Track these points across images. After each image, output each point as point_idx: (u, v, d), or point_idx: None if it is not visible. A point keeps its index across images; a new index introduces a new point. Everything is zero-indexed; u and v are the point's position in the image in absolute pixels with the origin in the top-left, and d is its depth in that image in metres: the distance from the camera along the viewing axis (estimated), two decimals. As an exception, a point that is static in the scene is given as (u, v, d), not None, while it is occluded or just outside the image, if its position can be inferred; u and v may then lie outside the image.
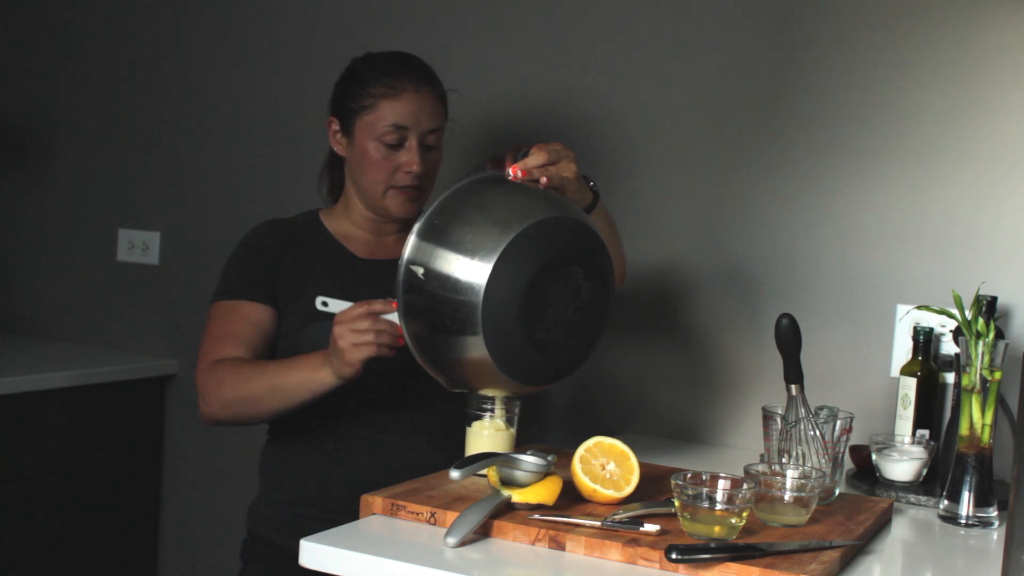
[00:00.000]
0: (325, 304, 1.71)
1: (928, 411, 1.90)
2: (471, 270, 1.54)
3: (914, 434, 1.89)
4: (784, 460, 1.62)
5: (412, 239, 1.59)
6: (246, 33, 2.70)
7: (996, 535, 1.62)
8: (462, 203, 1.60)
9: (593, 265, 1.64)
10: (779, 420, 1.66)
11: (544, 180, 1.66)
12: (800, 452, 1.62)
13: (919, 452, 1.84)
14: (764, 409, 1.72)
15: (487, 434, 1.69)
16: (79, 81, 2.91)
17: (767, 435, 1.70)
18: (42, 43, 2.95)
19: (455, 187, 1.63)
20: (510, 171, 1.65)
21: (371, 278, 1.89)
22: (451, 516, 1.44)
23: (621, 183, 2.26)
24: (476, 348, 1.55)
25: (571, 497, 1.52)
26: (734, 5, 2.21)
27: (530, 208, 1.60)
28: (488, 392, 1.67)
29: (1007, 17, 2.00)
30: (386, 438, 1.86)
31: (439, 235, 1.58)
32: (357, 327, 1.62)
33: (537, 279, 1.56)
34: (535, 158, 1.67)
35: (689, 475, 1.44)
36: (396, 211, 1.90)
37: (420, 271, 1.57)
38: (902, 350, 2.04)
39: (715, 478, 1.44)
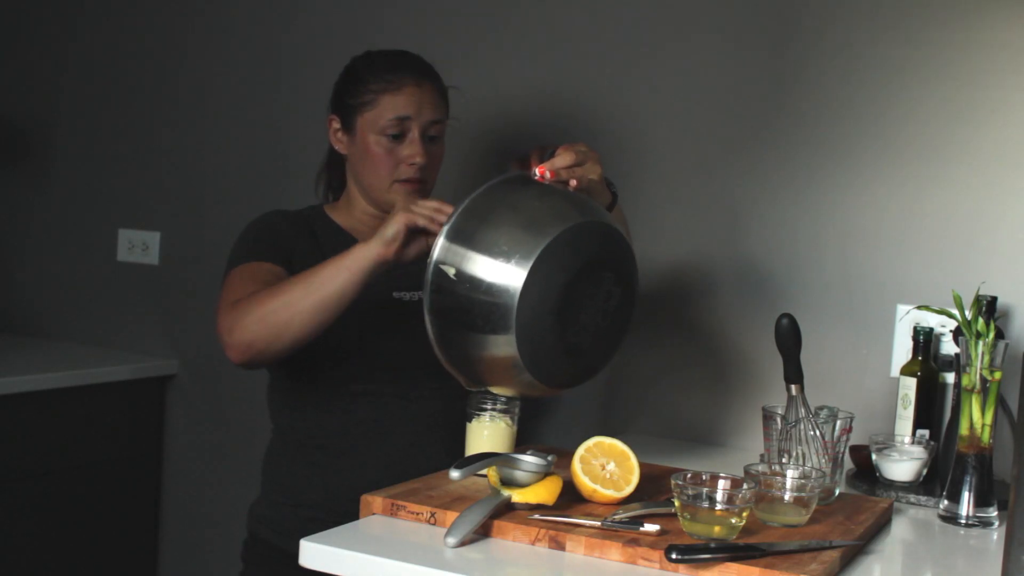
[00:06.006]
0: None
1: (928, 411, 1.90)
2: (506, 273, 1.53)
3: (914, 434, 1.89)
4: (784, 460, 1.62)
5: (441, 240, 1.57)
6: (247, 33, 2.70)
7: (996, 535, 1.62)
8: (493, 205, 1.59)
9: (623, 270, 1.65)
10: (779, 420, 1.66)
11: (573, 183, 1.65)
12: (800, 452, 1.62)
13: (919, 452, 1.83)
14: (764, 409, 1.72)
15: (487, 433, 1.69)
16: (79, 82, 2.90)
17: (767, 435, 1.70)
18: (42, 43, 2.95)
19: (483, 188, 1.61)
20: (537, 171, 1.64)
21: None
22: (451, 516, 1.44)
23: (622, 183, 2.25)
24: (506, 349, 1.55)
25: (571, 497, 1.52)
26: (740, 8, 2.21)
27: (564, 212, 1.59)
28: (506, 392, 1.66)
29: (1007, 17, 2.00)
30: (392, 440, 1.86)
31: (471, 237, 1.56)
32: (424, 203, 1.64)
33: (572, 283, 1.56)
34: (562, 159, 1.65)
35: (689, 475, 1.44)
36: None
37: (452, 271, 1.56)
38: (902, 350, 2.04)
39: (715, 478, 1.44)
